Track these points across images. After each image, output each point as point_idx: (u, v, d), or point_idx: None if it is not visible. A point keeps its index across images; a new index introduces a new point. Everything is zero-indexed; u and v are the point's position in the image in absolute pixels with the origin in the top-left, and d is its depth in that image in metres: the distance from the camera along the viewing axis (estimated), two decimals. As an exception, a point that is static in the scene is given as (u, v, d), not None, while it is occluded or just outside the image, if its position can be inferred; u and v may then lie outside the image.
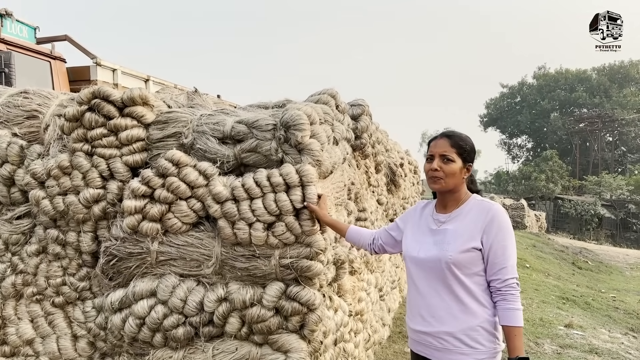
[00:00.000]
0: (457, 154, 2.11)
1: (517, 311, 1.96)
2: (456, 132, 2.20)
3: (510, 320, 1.96)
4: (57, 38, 7.35)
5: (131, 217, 2.65)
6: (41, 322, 3.04)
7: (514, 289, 1.99)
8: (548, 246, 19.14)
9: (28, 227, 3.07)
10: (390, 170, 5.25)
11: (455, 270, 2.03)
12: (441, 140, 2.15)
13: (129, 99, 2.76)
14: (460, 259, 2.02)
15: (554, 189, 38.50)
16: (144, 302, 2.67)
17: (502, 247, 2.00)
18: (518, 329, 1.95)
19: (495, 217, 2.03)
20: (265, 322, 2.53)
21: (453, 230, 2.08)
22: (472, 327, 2.02)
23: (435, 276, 2.09)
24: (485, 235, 2.02)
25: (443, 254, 2.04)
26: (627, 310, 8.70)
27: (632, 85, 51.54)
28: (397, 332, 5.28)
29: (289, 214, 2.51)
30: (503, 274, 1.99)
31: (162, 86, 7.97)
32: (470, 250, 2.02)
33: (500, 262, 2.00)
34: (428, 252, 2.11)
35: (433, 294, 2.10)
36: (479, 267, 2.04)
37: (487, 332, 2.03)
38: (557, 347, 5.60)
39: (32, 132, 3.11)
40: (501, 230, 2.02)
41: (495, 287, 2.01)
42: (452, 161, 2.10)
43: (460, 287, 2.04)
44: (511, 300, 1.97)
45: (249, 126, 2.65)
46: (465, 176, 2.14)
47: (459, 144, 2.12)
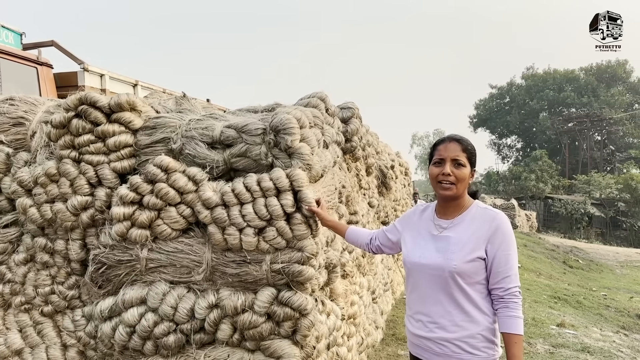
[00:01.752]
0: (467, 159, 2.08)
1: (519, 319, 1.96)
2: (461, 136, 2.18)
3: (511, 327, 1.95)
4: (44, 44, 7.28)
5: (120, 224, 2.62)
6: (30, 332, 3.00)
7: (517, 297, 1.98)
8: (539, 245, 19.26)
9: (15, 236, 3.04)
10: (381, 172, 5.25)
11: (459, 279, 2.02)
12: (452, 144, 2.09)
13: (116, 104, 2.74)
14: (465, 269, 2.00)
15: (544, 188, 38.75)
16: (134, 310, 2.64)
17: (505, 256, 1.99)
18: (518, 336, 1.94)
19: (500, 227, 2.02)
20: (257, 328, 2.51)
21: (457, 238, 2.06)
22: (473, 334, 2.02)
23: (437, 283, 2.07)
24: (489, 245, 2.01)
25: (447, 263, 2.02)
26: (618, 309, 8.76)
27: (619, 85, 52.05)
28: (390, 335, 5.26)
29: (280, 218, 2.50)
30: (507, 282, 1.98)
31: (151, 91, 7.92)
32: (475, 260, 2.01)
33: (504, 271, 1.99)
34: (431, 259, 2.09)
35: (434, 300, 2.09)
36: (482, 276, 2.03)
37: (487, 340, 2.02)
38: (549, 346, 5.61)
39: (18, 139, 3.07)
40: (505, 240, 2.01)
41: (498, 295, 2.00)
42: (463, 166, 2.06)
43: (462, 295, 2.03)
44: (513, 308, 1.96)
45: (238, 131, 2.63)
46: (470, 181, 2.12)
47: (468, 148, 2.09)
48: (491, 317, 2.04)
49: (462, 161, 2.06)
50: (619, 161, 50.18)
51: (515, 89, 58.16)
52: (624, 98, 50.12)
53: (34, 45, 7.14)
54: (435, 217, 2.19)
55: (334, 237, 3.08)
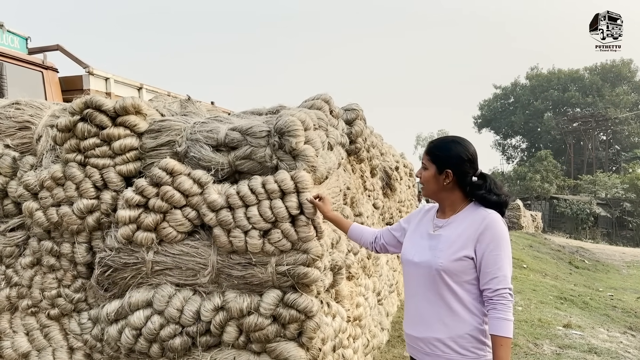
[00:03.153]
0: (431, 161, 2.13)
1: (505, 321, 1.93)
2: (444, 138, 2.20)
3: (497, 329, 1.93)
4: (49, 48, 7.32)
5: (125, 227, 2.63)
6: (37, 335, 3.02)
7: (506, 299, 1.95)
8: (545, 246, 19.17)
9: (22, 240, 3.05)
10: (386, 173, 5.24)
11: (446, 278, 2.02)
12: (425, 148, 2.21)
13: (121, 108, 2.75)
14: (451, 267, 2.00)
15: (549, 188, 38.58)
16: (140, 313, 2.65)
17: (494, 257, 1.97)
18: (505, 339, 1.91)
19: (490, 226, 1.99)
20: (262, 330, 2.51)
21: (446, 236, 2.07)
22: (461, 334, 2.01)
23: (427, 281, 2.08)
24: (478, 244, 1.99)
25: (434, 261, 2.04)
26: (625, 309, 8.70)
27: (624, 84, 51.82)
28: (395, 337, 5.25)
29: (285, 220, 2.50)
30: (494, 283, 1.96)
31: (156, 94, 7.95)
32: (462, 259, 2.00)
33: (492, 272, 1.96)
34: (422, 257, 2.11)
35: (424, 298, 2.10)
36: (471, 276, 2.02)
37: (477, 340, 2.01)
38: (556, 347, 5.59)
39: (24, 143, 3.09)
40: (494, 240, 1.98)
41: (487, 296, 1.99)
42: (425, 168, 2.16)
43: (450, 294, 2.02)
44: (501, 310, 1.93)
45: (242, 133, 2.64)
46: (446, 182, 2.10)
47: (432, 150, 2.15)
48: (481, 318, 2.03)
49: (425, 164, 2.17)
50: (624, 161, 49.89)
51: (520, 89, 57.98)
52: (629, 97, 49.88)
53: (39, 49, 7.19)
54: (435, 217, 2.21)
55: (339, 238, 3.08)
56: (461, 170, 2.09)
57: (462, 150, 2.10)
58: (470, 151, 2.11)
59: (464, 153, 2.09)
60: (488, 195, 2.07)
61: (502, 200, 2.08)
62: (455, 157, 2.09)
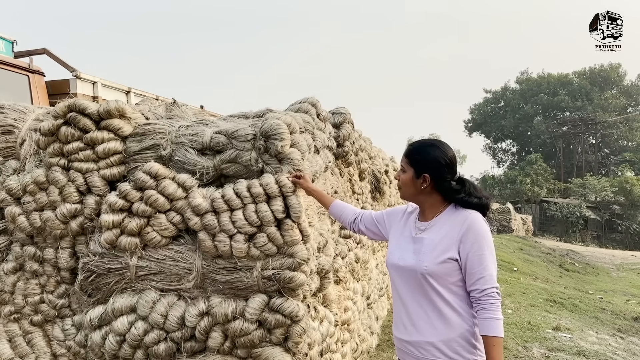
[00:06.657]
0: (409, 164, 2.13)
1: (496, 321, 1.92)
2: (423, 141, 2.19)
3: (489, 330, 1.92)
4: (36, 52, 7.25)
5: (109, 231, 2.60)
6: (19, 342, 2.97)
7: (494, 298, 1.94)
8: (535, 249, 19.27)
9: (4, 245, 3.01)
10: (375, 177, 5.24)
11: (432, 281, 2.01)
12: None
13: (105, 111, 2.72)
14: (436, 270, 1.99)
15: (539, 192, 38.82)
16: (124, 319, 2.62)
17: (478, 257, 1.96)
18: (497, 339, 1.90)
19: (472, 227, 1.99)
20: (248, 335, 2.49)
21: (430, 239, 2.05)
22: (451, 337, 2.00)
23: (414, 285, 2.07)
24: (462, 245, 1.98)
25: (419, 265, 2.02)
26: (614, 311, 8.75)
27: (613, 88, 52.34)
28: (385, 340, 5.23)
29: (271, 224, 2.48)
30: (481, 284, 1.95)
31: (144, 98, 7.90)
32: (446, 262, 1.99)
33: (478, 272, 1.96)
34: (406, 261, 2.09)
35: (413, 302, 2.08)
36: (456, 278, 2.01)
37: (467, 343, 2.00)
38: (545, 350, 5.60)
39: (7, 147, 3.05)
40: (477, 240, 1.97)
41: (474, 297, 1.98)
42: (403, 171, 2.16)
43: (437, 297, 2.02)
44: (490, 310, 1.93)
45: (228, 137, 2.62)
46: (423, 187, 2.09)
47: (410, 153, 2.14)
48: (471, 320, 2.01)
49: (403, 167, 2.16)
50: (613, 164, 50.37)
51: (510, 93, 58.39)
52: (617, 101, 50.41)
53: (25, 53, 7.12)
54: (417, 220, 2.20)
55: (326, 242, 3.06)
56: (439, 174, 2.07)
57: (440, 154, 2.08)
58: (448, 155, 2.09)
59: (442, 157, 2.07)
60: (468, 198, 2.06)
61: (484, 203, 2.07)
62: (433, 161, 2.07)
